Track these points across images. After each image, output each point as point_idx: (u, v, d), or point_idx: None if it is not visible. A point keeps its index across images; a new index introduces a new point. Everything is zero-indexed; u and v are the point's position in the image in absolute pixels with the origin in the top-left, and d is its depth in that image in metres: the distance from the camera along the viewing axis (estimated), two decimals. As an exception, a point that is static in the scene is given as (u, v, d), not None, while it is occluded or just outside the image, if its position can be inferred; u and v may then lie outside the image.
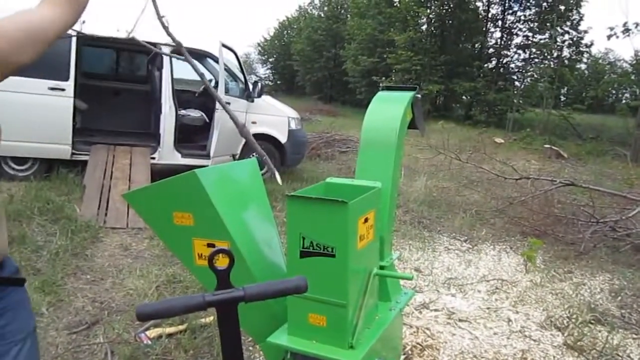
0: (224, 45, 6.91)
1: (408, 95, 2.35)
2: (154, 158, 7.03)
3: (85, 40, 6.84)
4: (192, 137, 7.79)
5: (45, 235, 4.87)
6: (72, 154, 6.68)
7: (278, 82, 40.02)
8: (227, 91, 6.92)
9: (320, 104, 25.81)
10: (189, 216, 1.98)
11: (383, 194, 2.08)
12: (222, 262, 1.10)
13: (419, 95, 2.41)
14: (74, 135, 6.61)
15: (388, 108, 2.30)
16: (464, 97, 24.45)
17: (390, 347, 2.26)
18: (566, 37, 22.66)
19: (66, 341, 3.20)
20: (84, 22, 5.91)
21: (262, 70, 45.06)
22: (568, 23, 22.38)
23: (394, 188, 2.26)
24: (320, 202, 1.72)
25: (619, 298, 4.31)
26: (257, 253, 2.04)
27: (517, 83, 23.39)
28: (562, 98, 28.29)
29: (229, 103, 6.96)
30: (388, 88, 2.47)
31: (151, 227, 2.16)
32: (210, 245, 2.01)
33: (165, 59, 7.04)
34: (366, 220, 1.85)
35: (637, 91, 28.52)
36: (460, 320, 3.64)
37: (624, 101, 34.74)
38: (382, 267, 2.11)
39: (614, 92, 41.47)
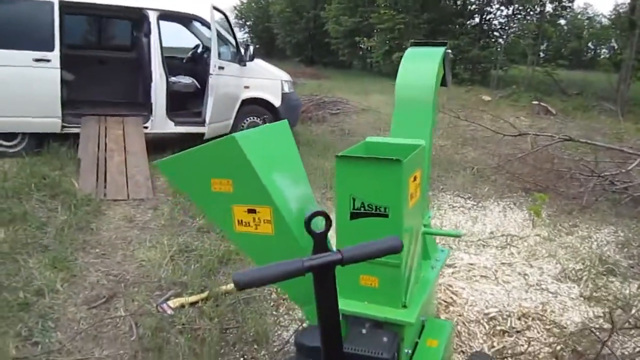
0: (215, 8, 6.68)
1: (440, 51, 2.29)
2: (146, 127, 6.87)
3: (67, 9, 6.58)
4: (184, 104, 7.61)
5: (46, 211, 4.76)
6: (63, 127, 6.49)
7: (257, 45, 39.28)
8: (219, 55, 6.74)
9: (302, 66, 25.45)
10: (228, 182, 1.92)
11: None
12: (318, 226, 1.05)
13: (449, 51, 2.34)
14: (63, 108, 6.41)
15: (422, 65, 2.24)
16: (447, 55, 24.23)
17: (430, 305, 2.27)
18: (549, -9, 22.47)
19: (87, 316, 3.17)
20: None
21: (240, 34, 44.08)
22: (551, -23, 22.17)
23: (430, 146, 2.22)
24: (373, 162, 1.67)
25: (626, 250, 4.39)
26: (298, 216, 1.99)
27: (500, 40, 23.26)
28: (541, 54, 28.28)
29: (222, 68, 6.80)
30: (417, 44, 2.40)
31: (187, 194, 2.10)
32: (251, 211, 1.96)
33: (153, 24, 6.80)
34: (415, 178, 1.81)
35: (615, 46, 28.69)
36: (479, 276, 3.67)
37: (602, 56, 34.94)
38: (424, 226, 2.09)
39: (592, 47, 41.67)
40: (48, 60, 6.20)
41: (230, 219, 1.98)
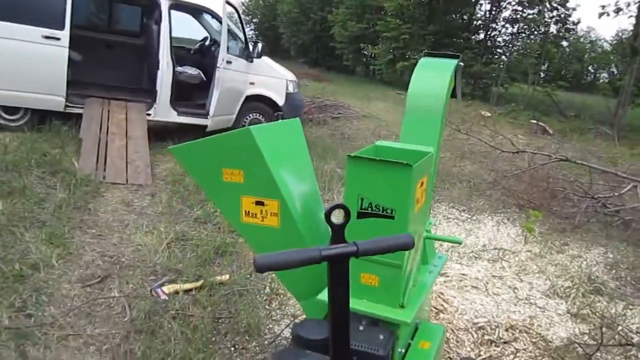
0: (227, 2, 6.73)
1: (453, 63, 2.35)
2: (149, 114, 6.89)
3: (79, -11, 6.59)
4: (189, 95, 7.64)
5: (45, 187, 4.78)
6: (66, 106, 6.50)
7: (263, 43, 39.29)
8: (227, 50, 6.78)
9: (305, 67, 25.44)
10: (240, 173, 1.97)
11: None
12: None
13: (462, 64, 2.41)
14: (68, 87, 6.42)
15: (434, 75, 2.30)
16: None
17: (425, 309, 2.32)
18: (554, 13, 22.68)
19: (81, 294, 3.20)
20: None
21: (246, 30, 44.09)
22: (557, -1, 22.38)
23: (437, 155, 2.28)
24: (385, 164, 1.72)
25: (614, 271, 4.47)
26: (304, 212, 2.04)
27: (503, 57, 23.44)
28: (542, 74, 28.50)
29: (229, 62, 6.84)
30: (430, 54, 2.46)
31: (198, 182, 2.15)
32: (259, 203, 2.01)
33: (164, 12, 6.83)
34: (422, 184, 1.87)
35: (615, 71, 28.97)
36: (470, 287, 3.74)
37: (601, 80, 35.23)
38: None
39: (592, 71, 41.99)
40: (57, 39, 6.21)
41: (237, 210, 2.02)
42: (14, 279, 3.17)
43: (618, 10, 15.84)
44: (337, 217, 1.15)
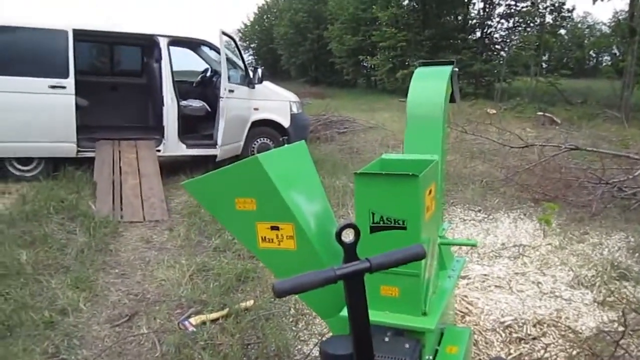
0: (223, 33, 6.87)
1: (447, 69, 2.40)
2: (159, 150, 7.02)
3: (81, 37, 6.78)
4: (195, 127, 7.78)
5: (65, 233, 4.89)
6: (78, 151, 6.66)
7: (262, 67, 39.73)
8: (228, 79, 6.91)
9: (307, 86, 25.69)
10: (252, 201, 2.02)
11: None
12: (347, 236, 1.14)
13: (456, 69, 2.45)
14: (78, 133, 6.58)
15: (431, 83, 2.35)
16: (450, 70, 24.40)
17: (448, 313, 2.34)
18: (548, 2, 22.72)
19: (110, 334, 3.26)
20: None
21: (245, 57, 44.64)
22: (549, -12, 22.44)
23: (443, 160, 2.32)
24: (391, 177, 1.77)
25: (637, 254, 4.43)
26: (319, 231, 2.09)
27: (502, 53, 23.45)
28: (544, 65, 28.44)
29: (232, 91, 6.96)
30: (425, 64, 2.51)
31: (212, 214, 2.20)
32: (274, 228, 2.06)
33: (163, 50, 6.99)
34: (430, 192, 1.91)
35: (617, 52, 28.78)
36: (493, 286, 3.74)
37: (604, 64, 35.05)
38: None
39: (594, 55, 41.81)
40: (63, 87, 6.39)
41: (254, 236, 2.07)
42: (45, 325, 3.24)
43: (612, -6, 15.78)
44: (348, 236, 1.19)
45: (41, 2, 7.41)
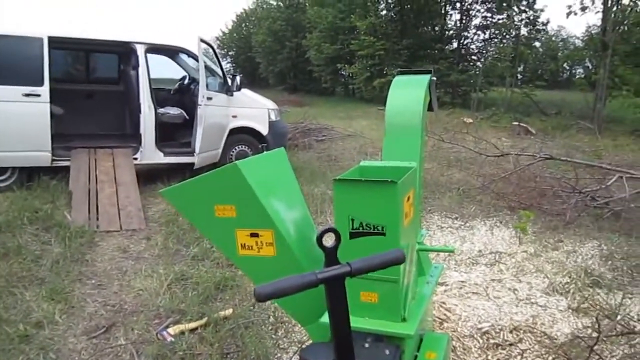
0: (202, 40, 6.85)
1: (426, 78, 2.43)
2: (136, 159, 6.95)
3: (56, 44, 6.69)
4: (173, 135, 7.72)
5: (40, 244, 4.80)
6: (53, 160, 6.54)
7: (241, 75, 39.65)
8: (207, 86, 6.89)
9: (285, 94, 25.74)
10: (231, 208, 2.02)
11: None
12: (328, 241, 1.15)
13: (434, 78, 2.49)
14: (53, 142, 6.47)
15: (409, 92, 2.38)
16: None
17: (427, 320, 2.36)
18: (523, 16, 23.22)
19: (87, 346, 3.20)
20: None
21: (223, 65, 44.53)
22: (524, 2, 22.89)
23: (421, 168, 2.35)
24: (370, 184, 1.78)
25: (610, 262, 4.53)
26: (299, 238, 2.09)
27: (478, 63, 23.84)
28: (519, 76, 29.01)
29: (210, 98, 6.94)
30: (402, 72, 2.54)
31: (191, 221, 2.19)
32: (253, 234, 2.05)
33: (141, 57, 6.94)
34: (408, 198, 1.93)
35: (590, 66, 29.48)
36: (471, 293, 3.78)
37: (577, 76, 35.89)
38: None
39: (567, 68, 42.75)
40: (38, 95, 6.29)
41: (233, 243, 2.07)
42: (19, 339, 3.16)
43: (584, 8, 16.23)
44: (328, 240, 1.20)
45: (16, 9, 7.26)
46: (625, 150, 10.92)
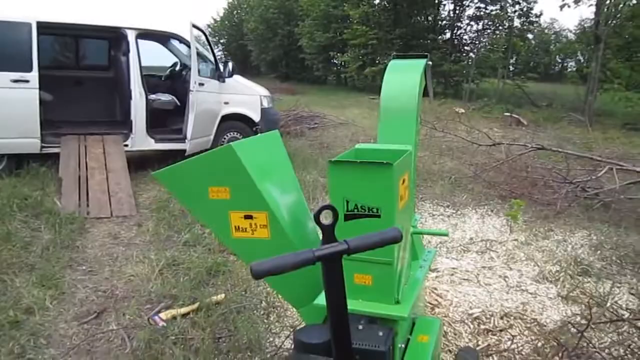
0: (194, 26, 6.78)
1: (422, 62, 2.42)
2: (126, 145, 6.89)
3: (45, 29, 6.58)
4: (164, 121, 7.65)
5: (30, 230, 4.74)
6: (42, 147, 6.46)
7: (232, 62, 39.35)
8: (198, 72, 6.83)
9: (277, 82, 25.60)
10: (226, 190, 2.01)
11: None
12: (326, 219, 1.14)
13: (430, 62, 2.48)
14: (42, 128, 6.39)
15: (405, 76, 2.37)
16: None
17: (419, 304, 2.37)
18: (516, 7, 23.25)
19: (78, 331, 3.18)
20: None
21: (215, 52, 44.22)
22: (518, -7, 22.94)
23: (416, 152, 2.34)
24: (366, 166, 1.77)
25: (599, 252, 4.57)
26: (293, 220, 2.08)
27: (471, 54, 23.85)
28: (511, 68, 29.12)
29: (202, 84, 6.89)
30: (399, 57, 2.53)
31: (184, 204, 2.17)
32: (247, 217, 2.04)
33: (132, 43, 6.86)
34: (403, 181, 1.92)
35: (582, 59, 29.63)
36: (462, 280, 3.80)
37: (569, 69, 36.08)
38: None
39: (559, 60, 42.93)
40: (26, 81, 6.19)
41: (227, 226, 2.06)
42: (10, 325, 3.13)
43: (578, 1, 16.26)
44: (326, 217, 1.19)
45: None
46: (616, 143, 11.00)
